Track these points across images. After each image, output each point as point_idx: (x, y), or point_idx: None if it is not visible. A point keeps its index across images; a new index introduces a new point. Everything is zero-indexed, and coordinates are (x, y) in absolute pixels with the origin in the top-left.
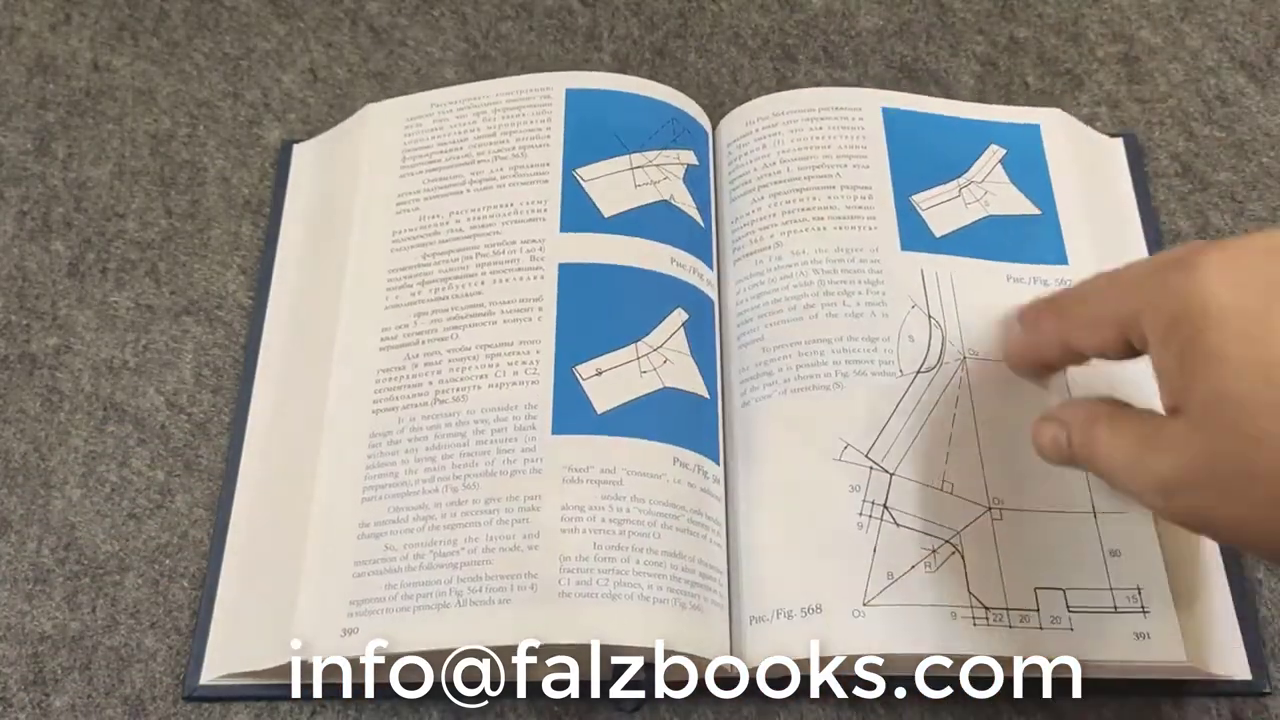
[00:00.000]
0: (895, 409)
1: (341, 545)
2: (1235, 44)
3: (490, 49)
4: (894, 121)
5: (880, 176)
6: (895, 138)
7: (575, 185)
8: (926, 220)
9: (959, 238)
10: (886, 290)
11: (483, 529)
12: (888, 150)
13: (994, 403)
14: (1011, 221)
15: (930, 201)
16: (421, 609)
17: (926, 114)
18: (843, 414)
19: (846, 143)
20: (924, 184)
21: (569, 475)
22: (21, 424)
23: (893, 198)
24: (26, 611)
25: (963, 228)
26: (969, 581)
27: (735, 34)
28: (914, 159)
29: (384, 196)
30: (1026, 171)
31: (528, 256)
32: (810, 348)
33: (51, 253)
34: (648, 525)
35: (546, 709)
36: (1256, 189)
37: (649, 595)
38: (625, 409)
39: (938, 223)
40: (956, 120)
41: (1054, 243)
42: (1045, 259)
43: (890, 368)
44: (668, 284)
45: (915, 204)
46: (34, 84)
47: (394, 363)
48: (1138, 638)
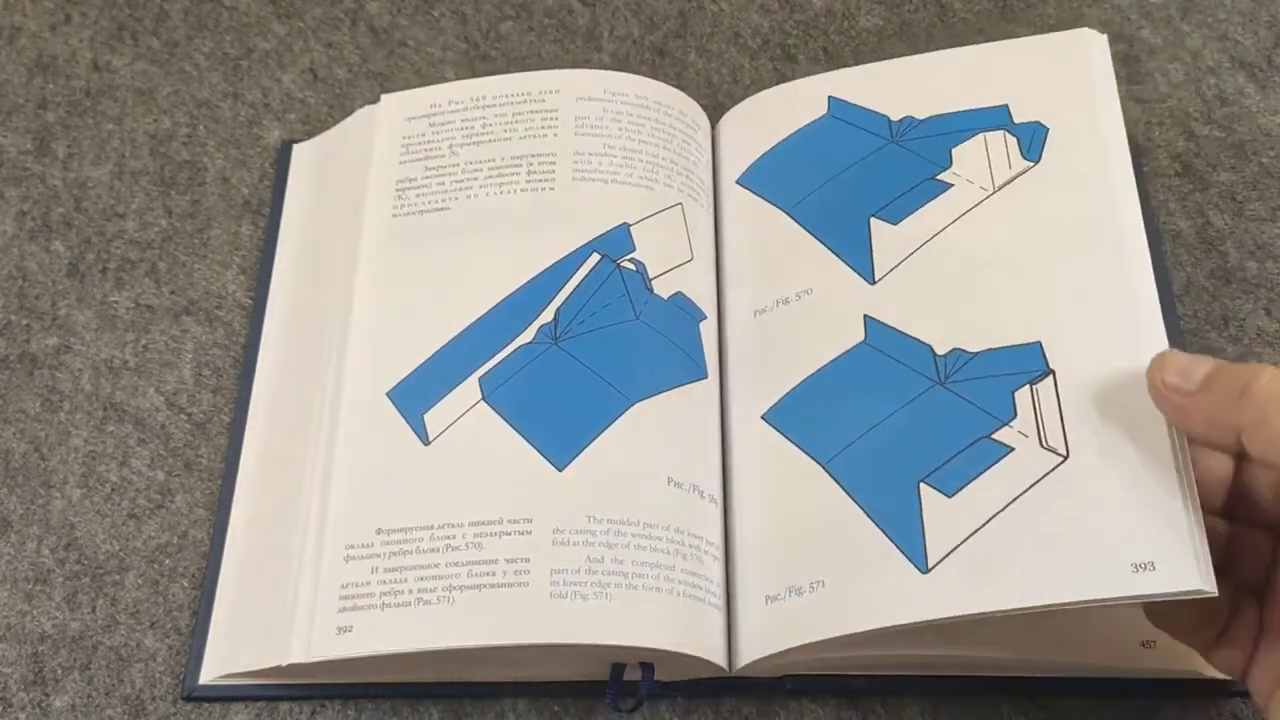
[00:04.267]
0: None
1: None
2: (1235, 44)
3: (490, 49)
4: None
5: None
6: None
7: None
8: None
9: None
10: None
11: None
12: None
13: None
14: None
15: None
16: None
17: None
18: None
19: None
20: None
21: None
22: (21, 424)
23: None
24: (26, 611)
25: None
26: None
27: (735, 34)
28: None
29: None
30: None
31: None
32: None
33: (51, 253)
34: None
35: (546, 709)
36: (1256, 189)
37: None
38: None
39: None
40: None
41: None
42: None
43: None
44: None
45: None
46: (34, 84)
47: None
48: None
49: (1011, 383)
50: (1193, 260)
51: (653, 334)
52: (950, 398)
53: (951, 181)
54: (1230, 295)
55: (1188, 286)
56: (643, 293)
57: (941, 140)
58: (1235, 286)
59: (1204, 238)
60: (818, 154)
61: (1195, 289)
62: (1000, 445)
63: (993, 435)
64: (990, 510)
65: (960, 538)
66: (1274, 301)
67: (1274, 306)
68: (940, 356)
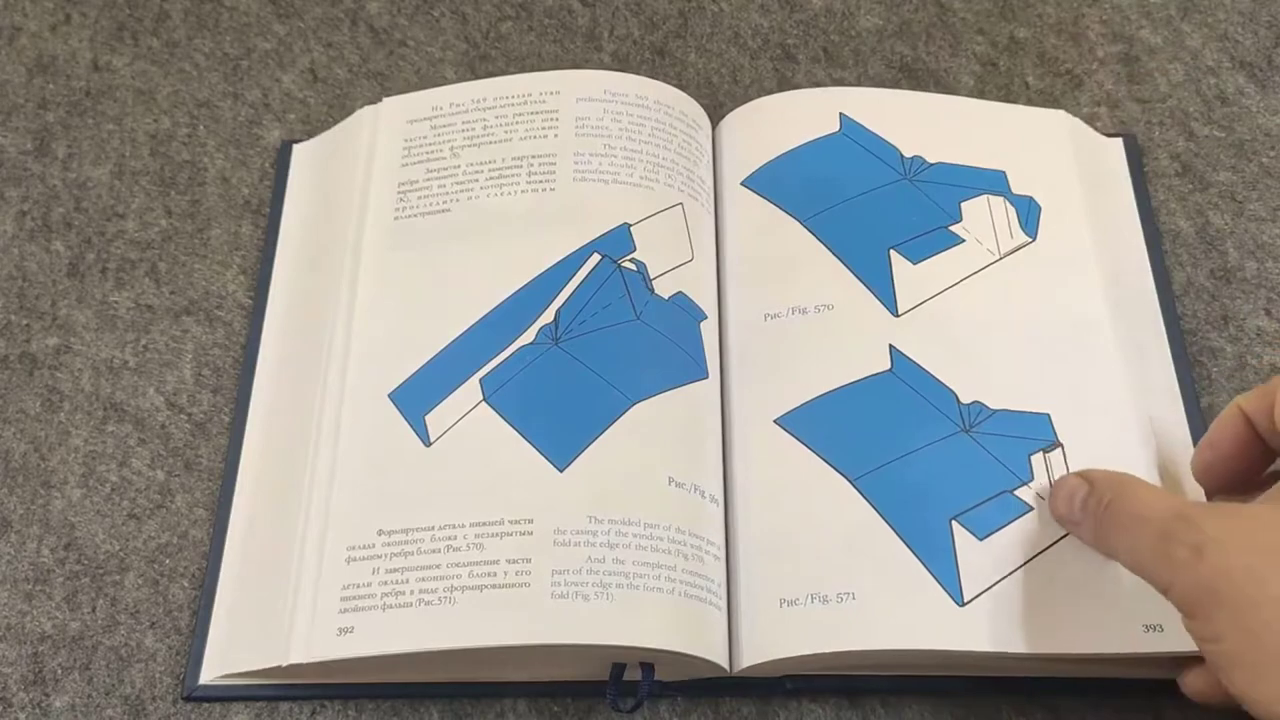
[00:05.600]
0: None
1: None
2: (1235, 44)
3: (490, 49)
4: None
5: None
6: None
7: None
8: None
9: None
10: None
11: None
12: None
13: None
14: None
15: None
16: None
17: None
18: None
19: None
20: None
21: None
22: (21, 424)
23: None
24: (26, 611)
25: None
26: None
27: (735, 34)
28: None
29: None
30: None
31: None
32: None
33: (51, 253)
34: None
35: (546, 709)
36: (1256, 189)
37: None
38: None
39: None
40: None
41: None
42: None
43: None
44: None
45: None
46: (34, 84)
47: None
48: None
49: (1027, 446)
50: (1193, 260)
51: (653, 334)
52: (975, 447)
53: (964, 237)
54: (1230, 295)
55: (1188, 286)
56: (643, 293)
57: (951, 191)
58: (1235, 286)
59: (1204, 238)
60: (832, 170)
61: (1195, 289)
62: (1021, 503)
63: (1014, 492)
64: (1016, 560)
65: (992, 580)
66: (1274, 301)
67: (1274, 306)
68: (964, 405)
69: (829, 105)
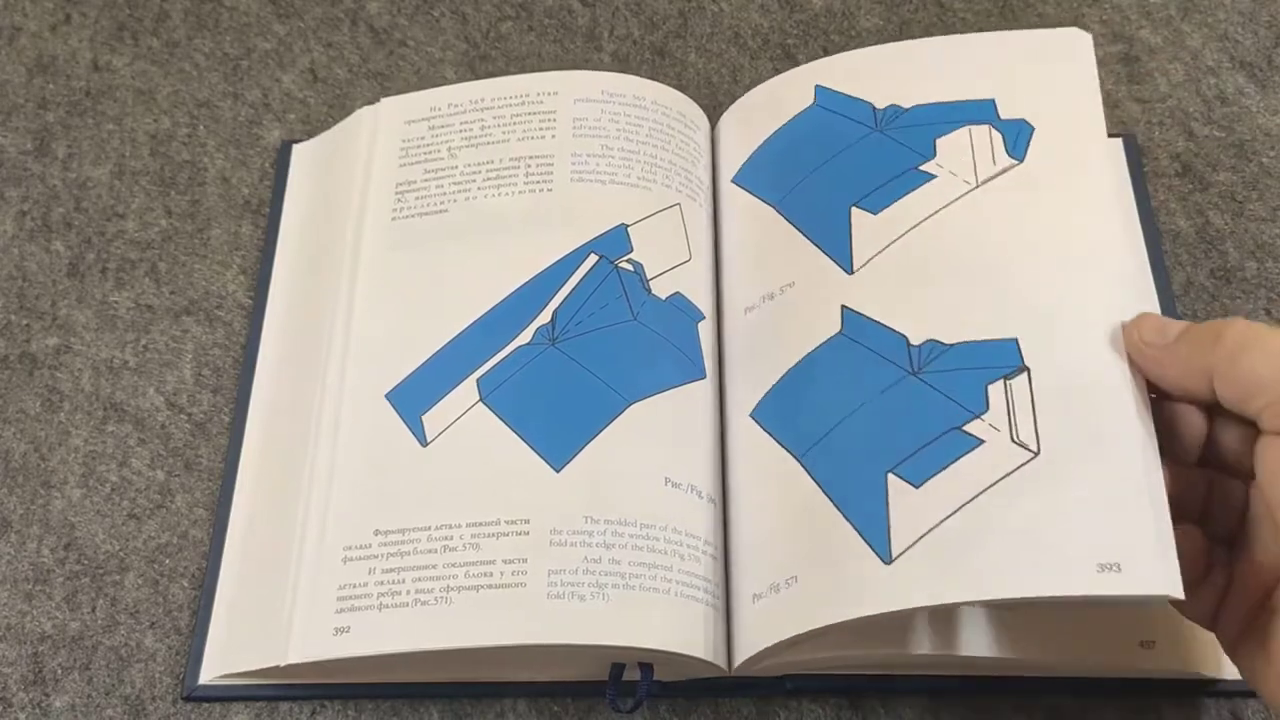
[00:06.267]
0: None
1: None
2: (1235, 44)
3: (490, 49)
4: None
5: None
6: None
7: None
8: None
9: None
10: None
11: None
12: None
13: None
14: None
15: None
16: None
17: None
18: None
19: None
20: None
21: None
22: (21, 424)
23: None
24: (26, 611)
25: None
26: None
27: (735, 34)
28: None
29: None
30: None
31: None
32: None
33: (51, 253)
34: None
35: (546, 709)
36: (1256, 189)
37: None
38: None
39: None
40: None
41: None
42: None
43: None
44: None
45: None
46: (34, 84)
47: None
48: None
49: (985, 376)
50: (1193, 260)
51: (650, 334)
52: (922, 388)
53: (935, 173)
54: (1230, 295)
55: (1188, 286)
56: (640, 293)
57: (926, 130)
58: (1235, 286)
59: (1204, 237)
60: (804, 145)
61: (1195, 289)
62: (970, 437)
63: (963, 427)
64: (956, 502)
65: (925, 528)
66: (1274, 301)
67: (1274, 306)
68: (914, 346)
69: (806, 81)
